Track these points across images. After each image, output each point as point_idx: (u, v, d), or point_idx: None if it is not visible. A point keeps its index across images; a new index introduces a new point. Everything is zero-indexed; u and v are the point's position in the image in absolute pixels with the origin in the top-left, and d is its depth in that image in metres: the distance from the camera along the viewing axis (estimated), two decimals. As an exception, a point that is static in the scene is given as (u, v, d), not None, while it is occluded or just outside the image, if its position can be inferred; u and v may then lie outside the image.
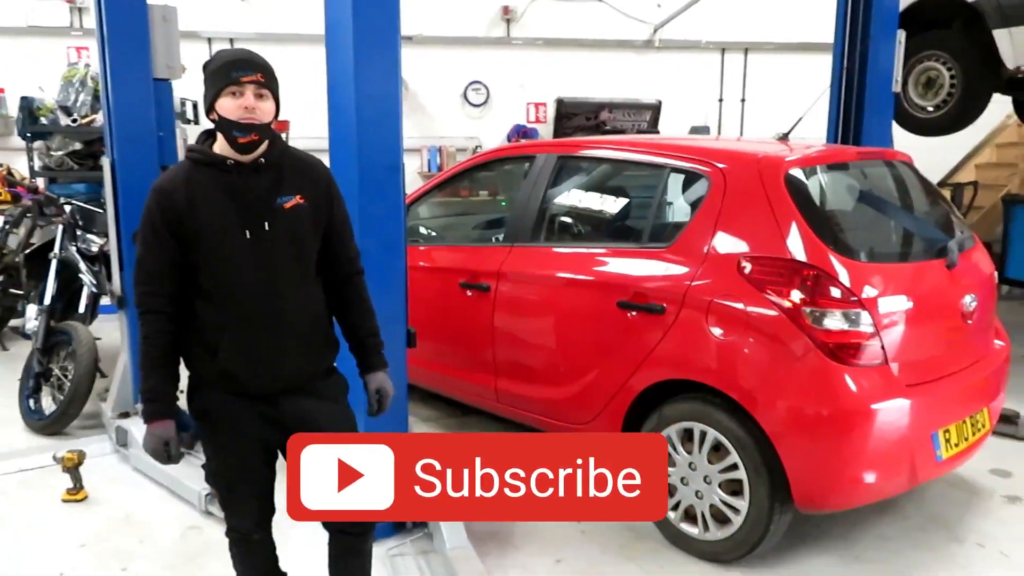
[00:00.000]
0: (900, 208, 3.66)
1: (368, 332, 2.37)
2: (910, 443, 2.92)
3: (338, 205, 2.30)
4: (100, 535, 3.33)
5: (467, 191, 6.18)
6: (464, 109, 8.75)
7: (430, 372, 4.34)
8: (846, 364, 2.82)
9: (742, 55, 9.18)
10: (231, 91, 2.06)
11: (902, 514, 3.50)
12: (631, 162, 3.65)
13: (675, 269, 3.16)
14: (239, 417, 2.18)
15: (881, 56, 4.78)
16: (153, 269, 2.11)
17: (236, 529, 2.35)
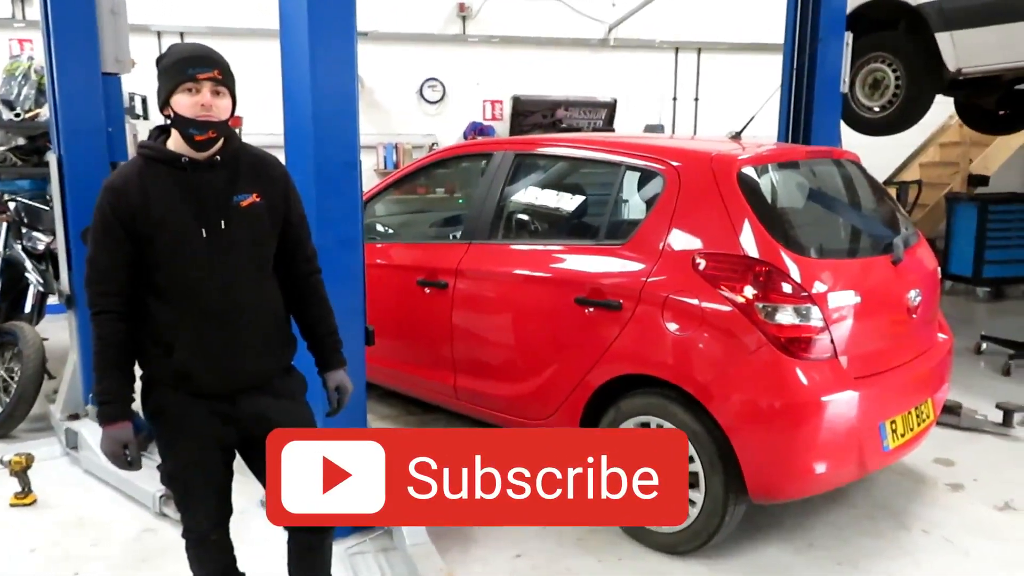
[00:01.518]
0: (848, 206, 3.76)
1: (326, 330, 2.36)
2: (859, 434, 3.01)
3: (295, 203, 2.28)
4: (51, 539, 3.26)
5: (424, 188, 6.18)
6: (420, 106, 8.72)
7: (389, 370, 4.32)
8: (797, 358, 2.89)
9: (695, 55, 9.31)
10: (187, 88, 2.03)
11: (851, 502, 3.61)
12: (587, 160, 3.69)
13: (631, 266, 3.21)
14: (195, 416, 2.15)
15: (829, 57, 4.89)
16: (106, 268, 2.07)
17: (193, 530, 2.31)
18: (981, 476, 3.90)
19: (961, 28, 5.59)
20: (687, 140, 4.25)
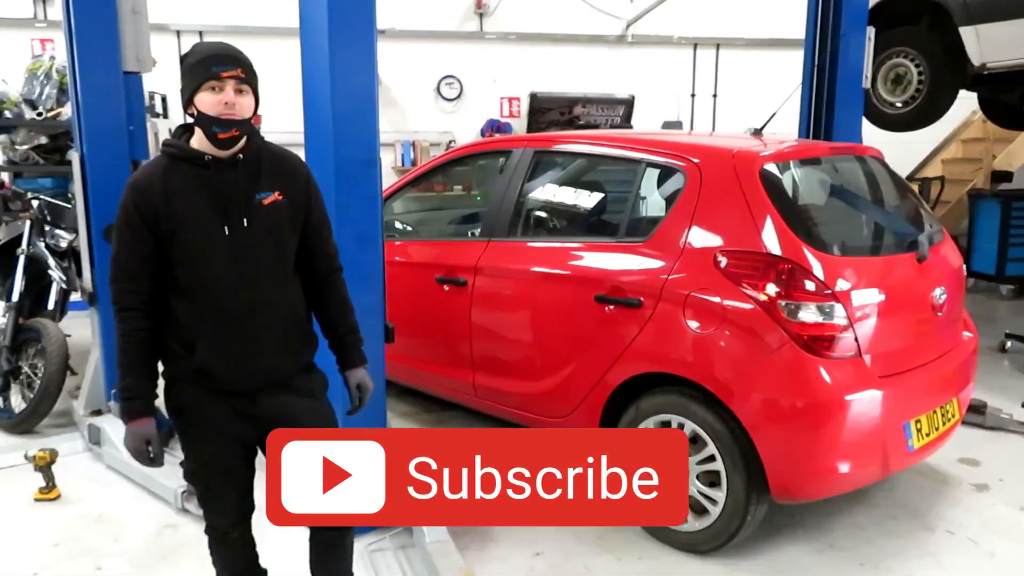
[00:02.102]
0: (871, 202, 3.72)
1: (347, 329, 2.36)
2: (883, 433, 2.98)
3: (317, 202, 2.28)
4: (74, 534, 3.29)
5: (443, 186, 6.18)
6: (437, 103, 8.72)
7: (407, 367, 4.33)
8: (820, 356, 2.86)
9: (714, 50, 9.25)
10: (211, 86, 2.04)
11: (873, 503, 3.57)
12: (607, 157, 3.67)
13: (652, 263, 3.19)
14: (216, 414, 2.16)
15: (851, 53, 4.84)
16: (129, 266, 2.08)
17: (214, 527, 2.33)
18: (1007, 476, 3.85)
19: (985, 22, 5.51)
20: (708, 136, 4.22)
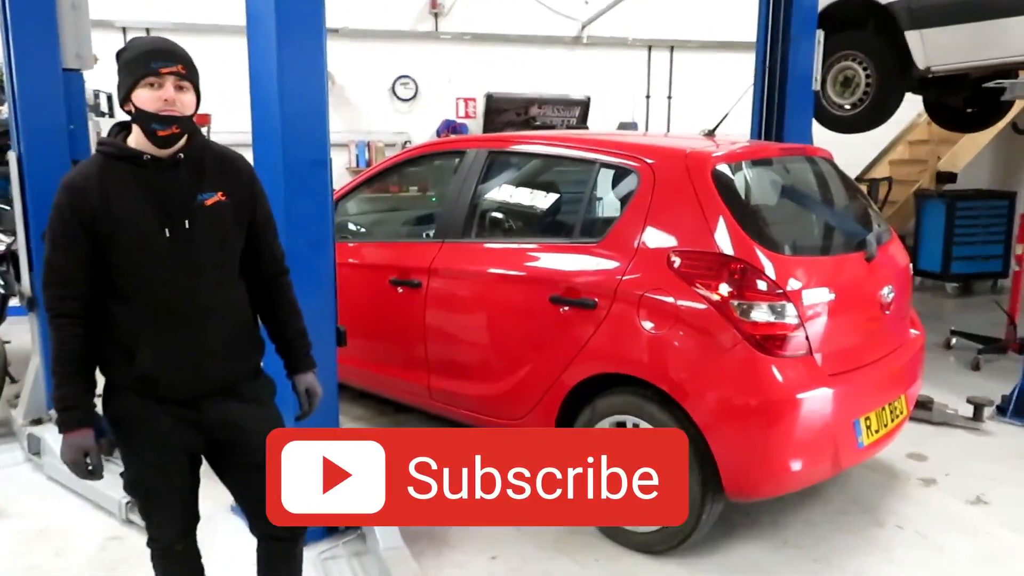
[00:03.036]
0: (821, 203, 3.77)
1: (295, 333, 2.30)
2: (833, 431, 3.01)
3: (262, 203, 2.22)
4: (14, 550, 3.16)
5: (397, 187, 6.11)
6: (393, 103, 8.64)
7: (362, 371, 4.26)
8: (772, 355, 2.88)
9: (668, 52, 9.33)
10: (149, 82, 1.96)
11: (826, 499, 3.62)
12: (561, 157, 3.66)
13: (606, 264, 3.18)
14: (158, 423, 2.08)
15: (801, 55, 4.92)
16: (64, 270, 2.00)
17: (157, 539, 2.25)
18: (953, 470, 3.93)
19: (930, 27, 5.64)
20: (661, 137, 4.24)
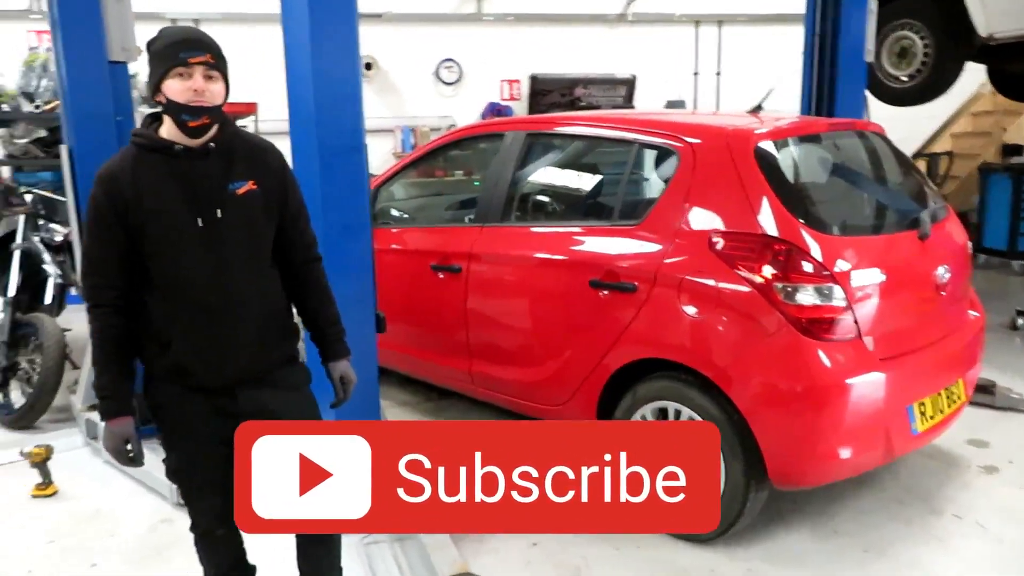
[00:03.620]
0: (872, 180, 3.63)
1: (328, 320, 2.31)
2: (885, 417, 2.91)
3: (293, 191, 2.22)
4: (69, 530, 3.27)
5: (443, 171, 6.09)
6: (437, 88, 8.63)
7: (406, 356, 4.29)
8: (819, 339, 2.79)
9: (716, 27, 9.10)
10: (179, 72, 1.97)
11: (880, 487, 3.50)
12: (600, 138, 3.59)
13: (646, 247, 3.11)
14: (194, 413, 2.11)
15: (853, 26, 4.74)
16: (101, 261, 2.03)
17: (199, 524, 2.29)
18: (1017, 458, 3.77)
19: (993, -9, 5.38)
20: (703, 115, 4.13)
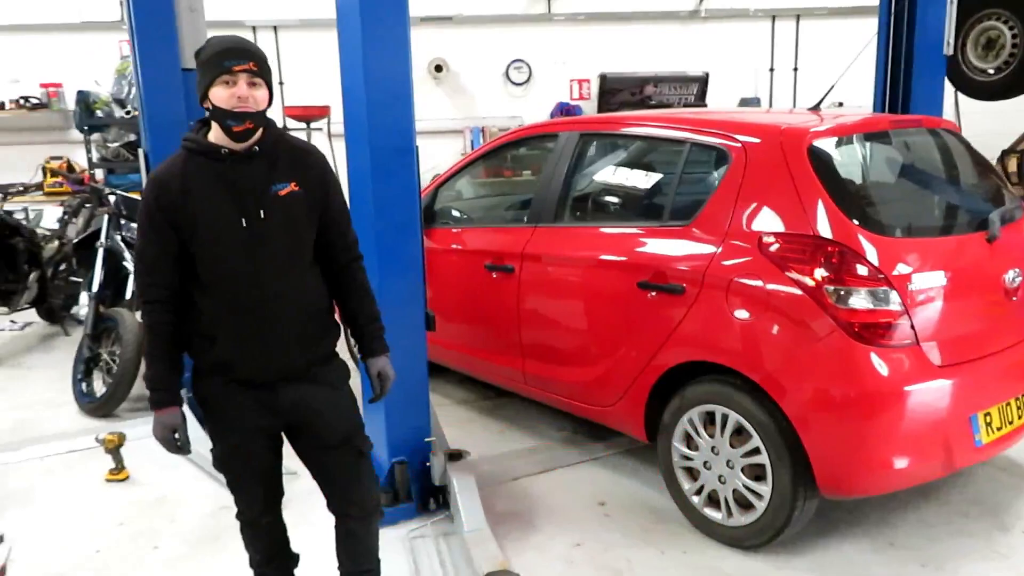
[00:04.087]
0: (940, 179, 3.47)
1: (368, 318, 2.36)
2: (944, 427, 2.78)
3: (334, 192, 2.28)
4: (137, 514, 3.45)
5: (508, 171, 6.12)
6: (506, 88, 8.67)
7: (463, 355, 4.35)
8: (872, 344, 2.69)
9: (794, 22, 8.84)
10: (224, 80, 2.06)
11: (944, 499, 3.35)
12: (653, 138, 3.55)
13: (695, 248, 3.07)
14: (238, 405, 2.20)
15: (930, 17, 4.55)
16: (153, 260, 2.13)
17: (244, 513, 2.38)
18: (1098, 473, 3.55)
19: (1088, -22, 5.05)
20: (758, 113, 4.02)
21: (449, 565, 2.96)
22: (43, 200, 7.62)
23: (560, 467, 3.78)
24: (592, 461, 3.83)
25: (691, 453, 3.12)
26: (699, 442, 3.08)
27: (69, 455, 4.08)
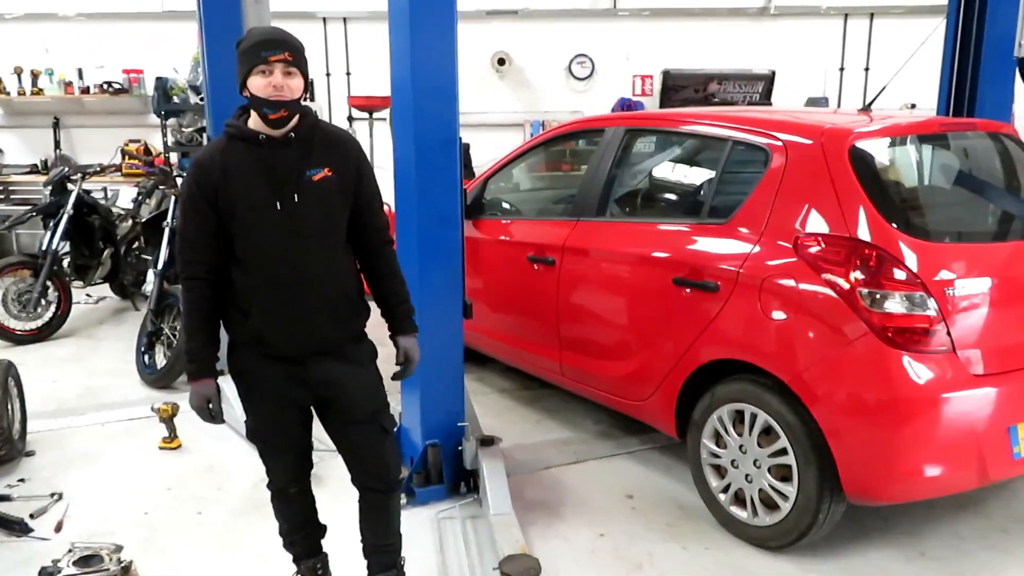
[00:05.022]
0: (992, 184, 3.36)
1: (398, 299, 2.45)
2: (978, 437, 2.72)
3: (367, 179, 2.37)
4: (185, 481, 3.64)
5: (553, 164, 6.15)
6: (569, 83, 8.66)
7: (505, 345, 4.42)
8: (905, 350, 2.64)
9: (867, 20, 8.58)
10: (260, 70, 2.16)
11: (984, 512, 3.27)
12: (695, 135, 3.54)
13: (731, 246, 3.06)
14: (270, 377, 2.31)
15: (1000, 16, 4.41)
16: (193, 239, 2.25)
17: (274, 482, 2.50)
18: None
19: None
20: (805, 112, 3.95)
21: (473, 546, 3.03)
22: (121, 181, 8.00)
23: (592, 459, 3.82)
24: (625, 455, 3.86)
25: (719, 451, 3.12)
26: (728, 440, 3.08)
27: (129, 422, 4.32)
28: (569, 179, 5.27)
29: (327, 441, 2.50)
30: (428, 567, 2.92)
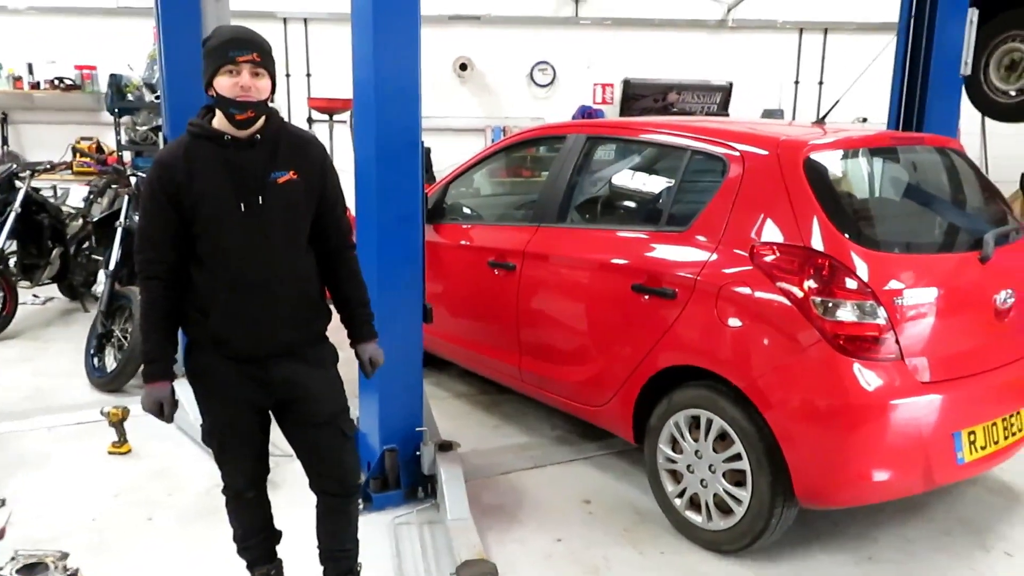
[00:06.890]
0: (939, 197, 3.48)
1: (358, 303, 2.44)
2: (925, 443, 2.80)
3: (331, 182, 2.36)
4: (135, 486, 3.56)
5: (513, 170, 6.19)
6: (530, 89, 8.73)
7: (465, 350, 4.42)
8: (856, 357, 2.71)
9: (821, 35, 8.81)
10: (228, 69, 2.14)
11: (929, 516, 3.36)
12: (655, 144, 3.60)
13: (688, 254, 3.11)
14: (229, 379, 2.28)
15: (948, 37, 4.54)
16: (152, 238, 2.22)
17: (230, 486, 2.47)
18: (1088, 500, 3.53)
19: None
20: (761, 124, 4.04)
21: (430, 551, 3.02)
22: (72, 179, 7.82)
23: (550, 464, 3.84)
24: (583, 460, 3.88)
25: (676, 456, 3.16)
26: (684, 445, 3.12)
27: (77, 426, 4.20)
28: (530, 185, 5.34)
29: (283, 446, 2.48)
30: (384, 573, 2.90)
